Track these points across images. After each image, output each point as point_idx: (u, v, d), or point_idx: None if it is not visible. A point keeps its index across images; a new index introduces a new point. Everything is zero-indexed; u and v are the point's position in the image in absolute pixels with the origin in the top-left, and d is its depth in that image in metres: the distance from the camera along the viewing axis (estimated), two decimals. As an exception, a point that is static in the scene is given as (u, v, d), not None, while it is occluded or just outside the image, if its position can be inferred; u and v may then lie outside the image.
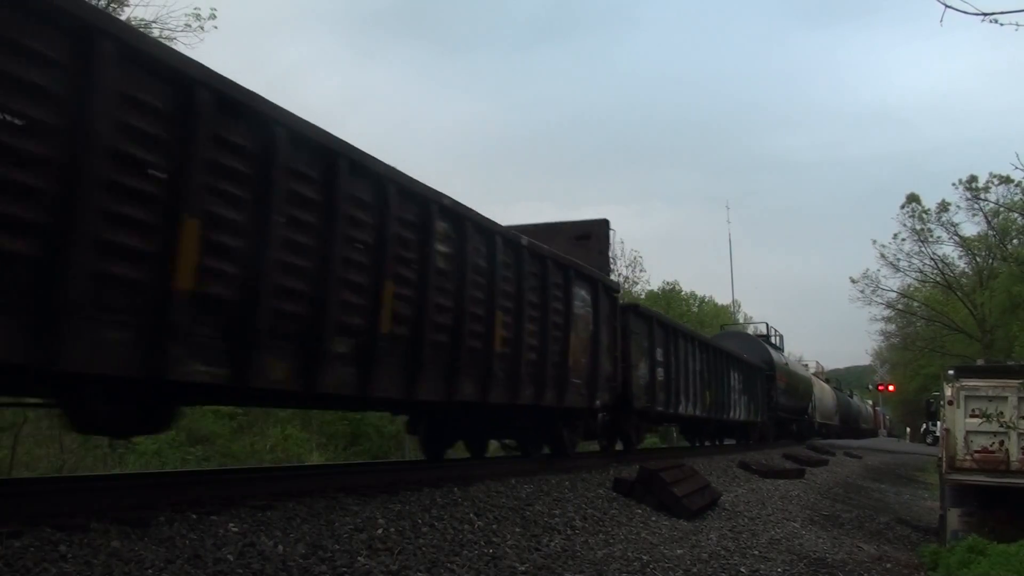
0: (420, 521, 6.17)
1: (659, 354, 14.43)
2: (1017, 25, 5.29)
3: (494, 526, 6.68)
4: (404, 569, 5.08)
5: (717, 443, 22.26)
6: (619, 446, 14.52)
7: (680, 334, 16.26)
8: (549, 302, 9.76)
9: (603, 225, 13.49)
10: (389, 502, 6.54)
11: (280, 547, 4.83)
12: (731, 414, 20.54)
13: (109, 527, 4.48)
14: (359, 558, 5.05)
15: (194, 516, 5.02)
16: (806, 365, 41.17)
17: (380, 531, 5.66)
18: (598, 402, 11.34)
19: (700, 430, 20.93)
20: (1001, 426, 12.63)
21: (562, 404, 10.18)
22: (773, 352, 28.89)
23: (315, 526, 5.39)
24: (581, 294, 10.77)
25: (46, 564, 3.82)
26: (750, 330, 34.43)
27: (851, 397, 56.97)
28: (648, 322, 14.28)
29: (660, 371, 14.47)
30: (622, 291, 12.42)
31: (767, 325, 34.09)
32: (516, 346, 8.95)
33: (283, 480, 7.09)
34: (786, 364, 30.80)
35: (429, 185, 7.50)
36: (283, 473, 8.57)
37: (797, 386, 31.50)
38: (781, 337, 34.29)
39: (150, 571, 4.07)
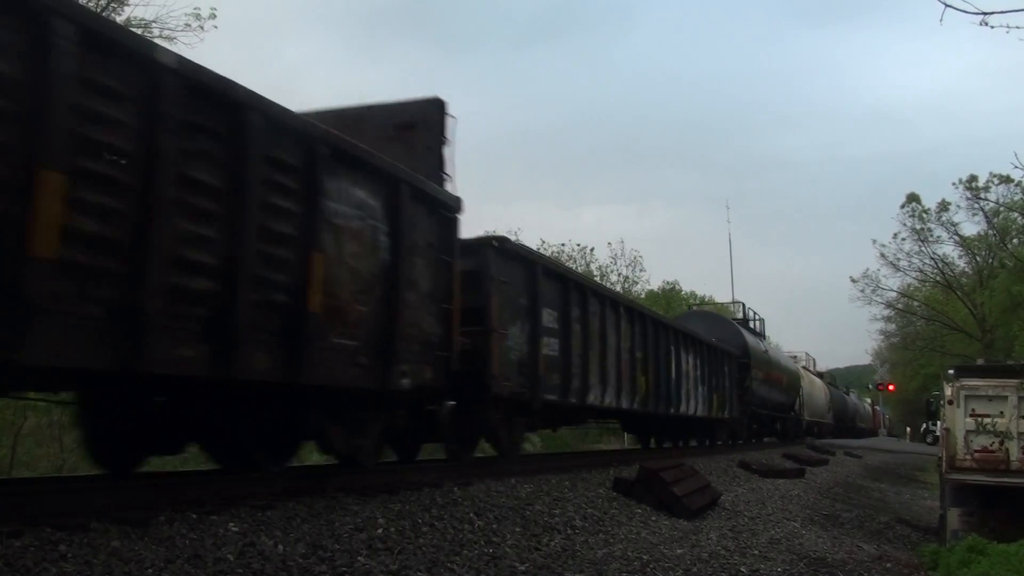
0: (420, 521, 6.18)
1: (548, 318, 10.25)
2: (1008, 27, 5.29)
3: (494, 526, 6.68)
4: (404, 569, 5.09)
5: (681, 444, 18.50)
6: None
7: (592, 294, 11.87)
8: (253, 190, 5.56)
9: (434, 109, 8.62)
10: (389, 502, 6.55)
11: (280, 547, 4.84)
12: (683, 408, 16.31)
13: (109, 527, 4.48)
14: (359, 558, 5.05)
15: (194, 516, 5.03)
16: (795, 357, 37.76)
17: (380, 531, 5.66)
18: (406, 381, 7.20)
19: (642, 428, 17.21)
20: (997, 435, 12.67)
21: (300, 379, 6.02)
22: (749, 337, 24.28)
23: (315, 526, 5.40)
24: (355, 195, 6.64)
25: (46, 564, 3.82)
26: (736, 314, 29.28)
27: (847, 394, 55.06)
28: (529, 269, 9.90)
29: (551, 343, 10.30)
30: (462, 208, 8.31)
31: (743, 306, 28.65)
32: (134, 256, 4.80)
33: (283, 480, 7.08)
34: (765, 352, 26.23)
35: None
36: (283, 473, 8.57)
37: (780, 378, 27.32)
38: (762, 322, 29.43)
39: (150, 571, 4.07)
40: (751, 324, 27.64)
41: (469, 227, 9.33)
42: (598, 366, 11.79)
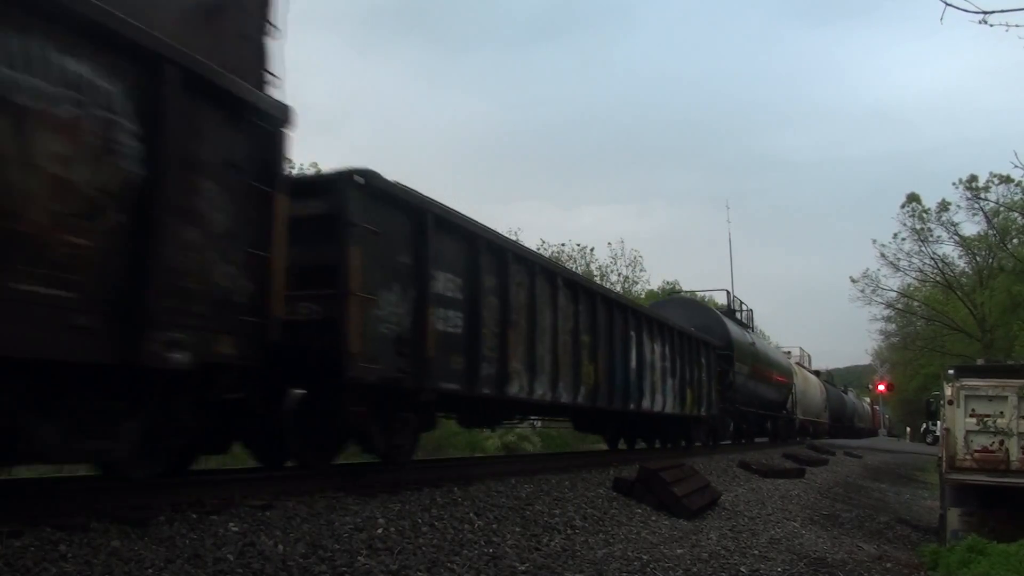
0: (420, 521, 6.18)
1: (447, 285, 8.07)
2: (1007, 26, 5.31)
3: (494, 526, 6.68)
4: (404, 569, 5.09)
5: (658, 445, 16.71)
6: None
7: (515, 259, 9.44)
8: None
9: None
10: (389, 502, 6.55)
11: (280, 547, 4.84)
12: (647, 403, 13.98)
13: (109, 527, 4.49)
14: (359, 558, 5.05)
15: (194, 516, 5.03)
16: (788, 352, 36.19)
17: (380, 531, 5.66)
18: (180, 355, 5.05)
19: (598, 426, 14.95)
20: (996, 432, 12.67)
21: None
22: (733, 327, 21.96)
23: (315, 526, 5.40)
24: (62, 67, 4.43)
25: (46, 564, 3.83)
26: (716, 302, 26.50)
27: (845, 393, 53.74)
28: (414, 218, 7.66)
29: (451, 317, 8.15)
30: (291, 119, 6.06)
31: (728, 293, 25.92)
32: None
33: (283, 480, 7.09)
34: (752, 344, 23.80)
35: None
36: (283, 473, 8.57)
37: (769, 374, 25.18)
38: (751, 312, 26.95)
39: (150, 571, 4.07)
40: (737, 315, 25.39)
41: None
42: (525, 350, 9.53)
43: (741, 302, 26.30)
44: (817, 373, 42.26)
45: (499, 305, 9.00)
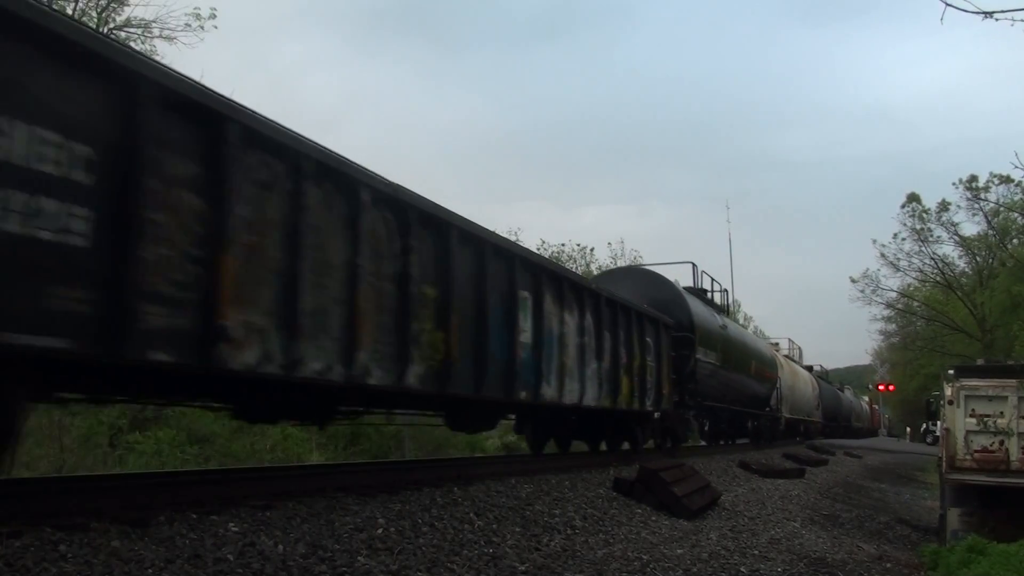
0: (420, 521, 6.18)
1: (22, 146, 3.98)
2: (1012, 20, 5.35)
3: (494, 526, 6.69)
4: (404, 569, 5.09)
5: (604, 448, 13.94)
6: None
7: (243, 134, 5.37)
8: None
9: None
10: (389, 502, 6.55)
11: (280, 547, 4.84)
12: (550, 393, 9.97)
13: (109, 527, 4.49)
14: (359, 558, 5.05)
15: (194, 516, 5.03)
16: (776, 343, 33.76)
17: (380, 531, 5.67)
18: None
19: (488, 422, 10.38)
20: (996, 432, 12.68)
21: None
22: (696, 305, 17.73)
23: (315, 526, 5.40)
24: None
25: (46, 564, 3.82)
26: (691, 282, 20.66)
27: (841, 391, 50.81)
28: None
29: (34, 206, 4.03)
30: None
31: (694, 267, 20.47)
32: None
33: (283, 480, 7.09)
34: (723, 328, 19.74)
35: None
36: (283, 473, 8.57)
37: (745, 364, 21.28)
38: (726, 294, 22.79)
39: (150, 571, 4.07)
40: (710, 295, 21.26)
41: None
42: (275, 294, 5.67)
43: (712, 279, 21.79)
44: (809, 368, 39.91)
45: (207, 210, 5.15)
